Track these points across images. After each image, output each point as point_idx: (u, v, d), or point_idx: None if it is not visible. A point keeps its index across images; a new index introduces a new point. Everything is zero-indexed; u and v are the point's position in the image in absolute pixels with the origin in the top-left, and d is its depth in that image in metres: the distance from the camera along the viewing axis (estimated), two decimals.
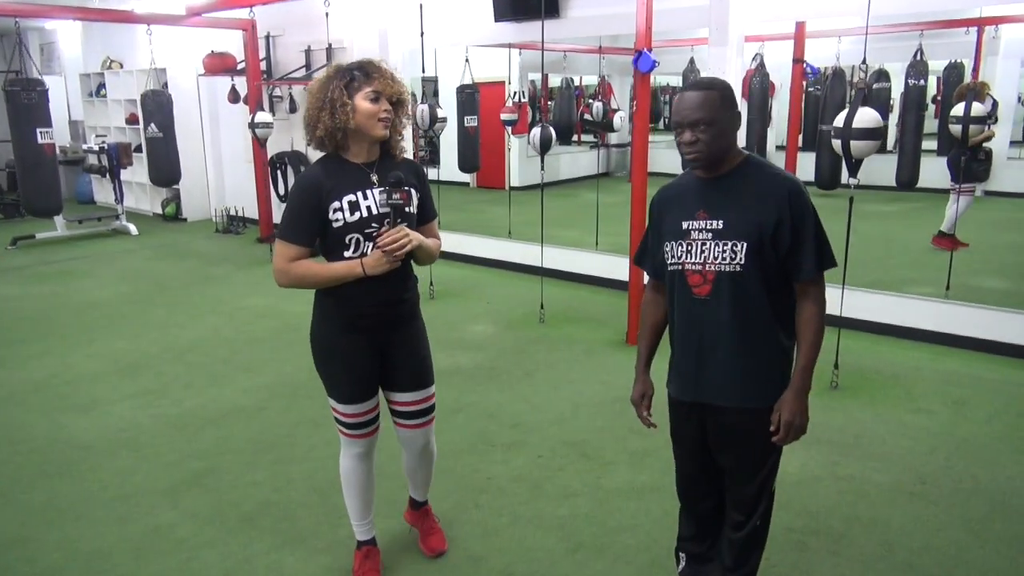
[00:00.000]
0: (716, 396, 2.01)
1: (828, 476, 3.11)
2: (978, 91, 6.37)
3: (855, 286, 4.60)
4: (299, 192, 2.18)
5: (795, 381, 1.94)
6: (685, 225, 1.97)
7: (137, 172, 9.77)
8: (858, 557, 2.60)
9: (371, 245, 2.16)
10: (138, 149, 9.46)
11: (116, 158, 8.96)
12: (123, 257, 7.79)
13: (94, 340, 5.08)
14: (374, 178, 2.19)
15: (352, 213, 2.14)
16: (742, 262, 1.90)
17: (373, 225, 2.17)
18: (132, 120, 9.75)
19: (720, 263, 1.92)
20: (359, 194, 2.16)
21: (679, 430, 2.17)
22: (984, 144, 6.35)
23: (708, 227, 1.94)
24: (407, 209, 2.17)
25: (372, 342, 2.29)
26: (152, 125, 7.59)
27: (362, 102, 2.13)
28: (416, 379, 2.40)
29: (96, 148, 9.33)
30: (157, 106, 7.65)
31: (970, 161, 6.45)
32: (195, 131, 9.52)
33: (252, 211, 8.72)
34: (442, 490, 3.07)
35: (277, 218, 8.51)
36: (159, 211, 10.03)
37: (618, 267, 5.60)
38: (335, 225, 2.14)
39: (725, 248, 1.91)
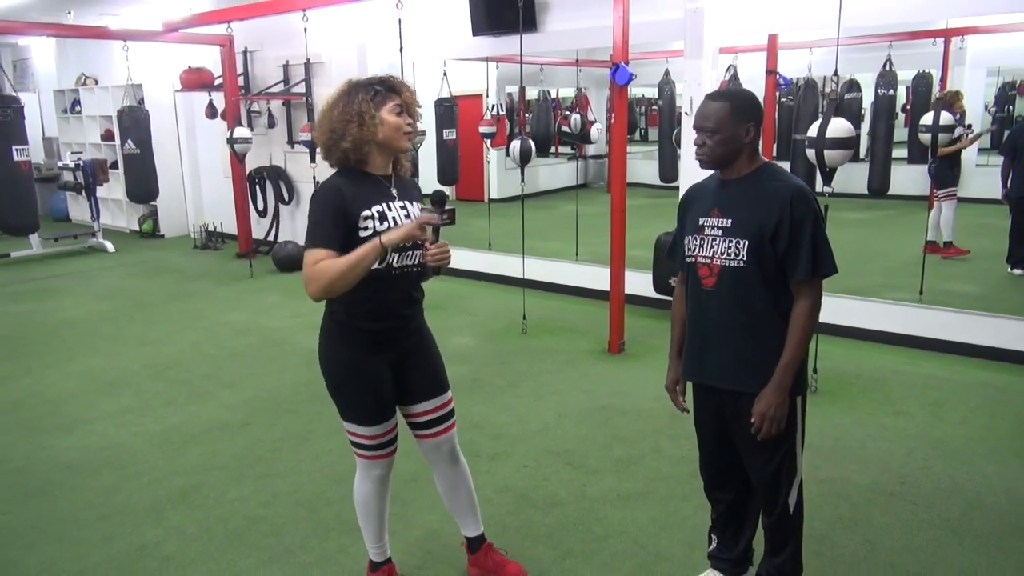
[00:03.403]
0: (717, 379, 2.17)
1: (810, 479, 3.13)
2: (951, 101, 6.53)
3: (832, 292, 4.68)
4: (322, 199, 2.12)
5: (775, 376, 2.05)
6: (701, 221, 2.15)
7: (113, 189, 9.70)
8: (841, 557, 2.65)
9: (396, 256, 2.15)
10: (114, 166, 9.41)
11: (92, 175, 8.88)
12: (100, 275, 7.71)
13: (72, 359, 5.03)
14: (394, 191, 2.21)
15: (382, 223, 2.13)
16: (744, 258, 2.05)
17: None
18: (108, 136, 9.68)
19: (726, 258, 2.08)
20: (384, 205, 2.15)
21: (699, 414, 2.32)
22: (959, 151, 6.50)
23: (719, 224, 2.11)
24: (451, 224, 2.16)
25: (388, 359, 2.25)
26: (129, 141, 7.54)
27: (388, 115, 2.14)
28: (432, 386, 2.36)
29: (71, 165, 9.24)
30: (134, 122, 7.60)
31: (948, 168, 6.59)
32: (172, 147, 9.47)
33: (231, 227, 8.68)
34: (428, 500, 3.08)
35: (256, 233, 8.49)
36: (136, 228, 9.95)
37: (598, 277, 5.65)
38: (363, 234, 2.10)
39: (731, 244, 2.07)
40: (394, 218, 2.15)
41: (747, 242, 2.04)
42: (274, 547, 2.80)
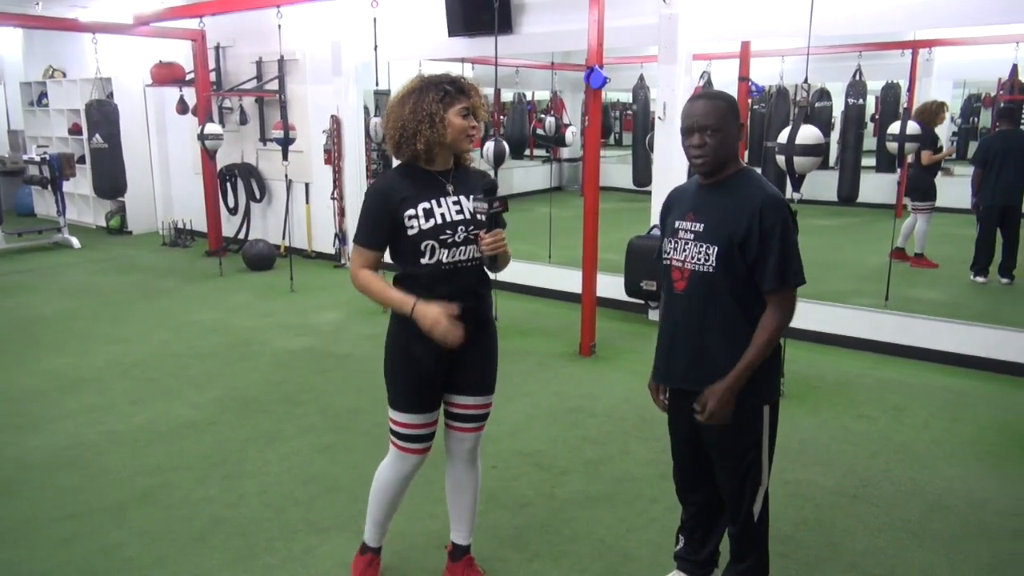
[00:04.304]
0: (684, 382, 2.16)
1: (776, 481, 3.16)
2: (935, 112, 6.65)
3: (800, 297, 4.75)
4: (374, 197, 2.21)
5: (729, 374, 2.04)
6: (677, 224, 2.14)
7: (80, 184, 9.52)
8: (804, 559, 2.69)
9: (446, 252, 2.18)
10: (81, 160, 9.23)
11: (58, 169, 8.71)
12: (66, 271, 7.57)
13: (37, 356, 4.93)
14: (449, 188, 2.22)
15: (427, 220, 2.16)
16: (713, 264, 2.04)
17: (447, 232, 2.18)
18: (75, 130, 9.52)
19: (696, 262, 2.07)
20: (433, 202, 2.18)
21: (672, 417, 2.32)
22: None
23: (692, 228, 2.10)
24: (504, 214, 2.20)
25: (441, 350, 2.21)
26: (97, 135, 7.42)
27: (455, 118, 2.17)
28: (479, 385, 2.36)
29: (37, 159, 9.06)
30: (102, 116, 7.47)
31: (929, 181, 6.69)
32: (142, 142, 9.33)
33: (200, 224, 8.57)
34: None
35: (227, 231, 8.39)
36: (103, 224, 9.78)
37: (571, 280, 5.67)
38: (410, 232, 2.15)
39: (701, 249, 2.06)
40: (442, 214, 2.18)
41: (716, 248, 2.02)
42: (239, 548, 2.77)
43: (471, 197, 2.22)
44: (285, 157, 6.61)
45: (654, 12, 5.17)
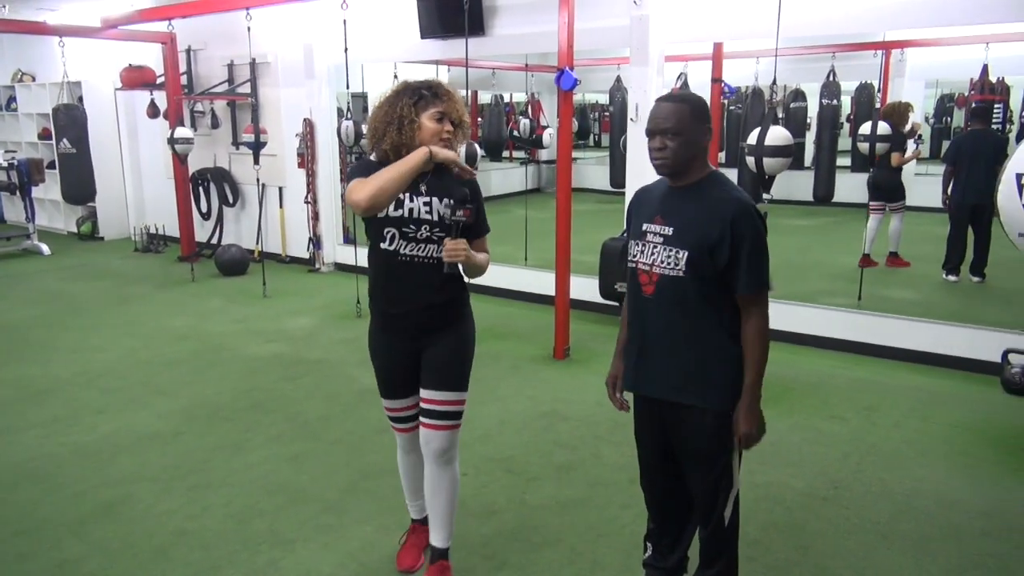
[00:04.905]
0: (653, 389, 2.16)
1: (746, 484, 3.15)
2: (902, 112, 6.68)
3: (773, 298, 4.75)
4: (361, 164, 2.33)
5: (744, 397, 2.04)
6: (644, 227, 2.11)
7: (50, 189, 9.37)
8: (774, 563, 2.67)
9: (405, 244, 2.28)
10: (51, 165, 9.09)
11: (27, 174, 8.56)
12: (34, 278, 7.44)
13: (1, 366, 4.83)
14: (423, 187, 2.28)
15: (395, 209, 2.24)
16: (683, 269, 2.01)
17: (411, 226, 2.27)
18: (45, 135, 9.36)
19: (665, 267, 2.04)
20: (406, 195, 2.25)
21: (640, 426, 2.29)
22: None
23: (660, 232, 2.07)
24: (467, 223, 2.27)
25: (405, 343, 2.40)
26: (65, 140, 7.30)
27: (427, 121, 2.26)
28: (437, 379, 2.39)
29: (5, 164, 8.90)
30: (70, 120, 7.36)
31: (900, 180, 6.73)
32: (113, 146, 9.20)
33: (173, 229, 8.45)
34: (365, 512, 3.03)
35: (200, 236, 8.29)
36: (74, 230, 9.63)
37: (547, 283, 5.64)
38: (378, 215, 2.24)
39: (670, 253, 2.03)
40: (411, 209, 2.26)
41: (686, 253, 2.00)
42: (200, 562, 2.71)
43: (443, 201, 2.28)
44: (257, 161, 6.54)
45: (625, 13, 5.16)
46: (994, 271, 6.24)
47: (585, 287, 5.53)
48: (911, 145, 6.88)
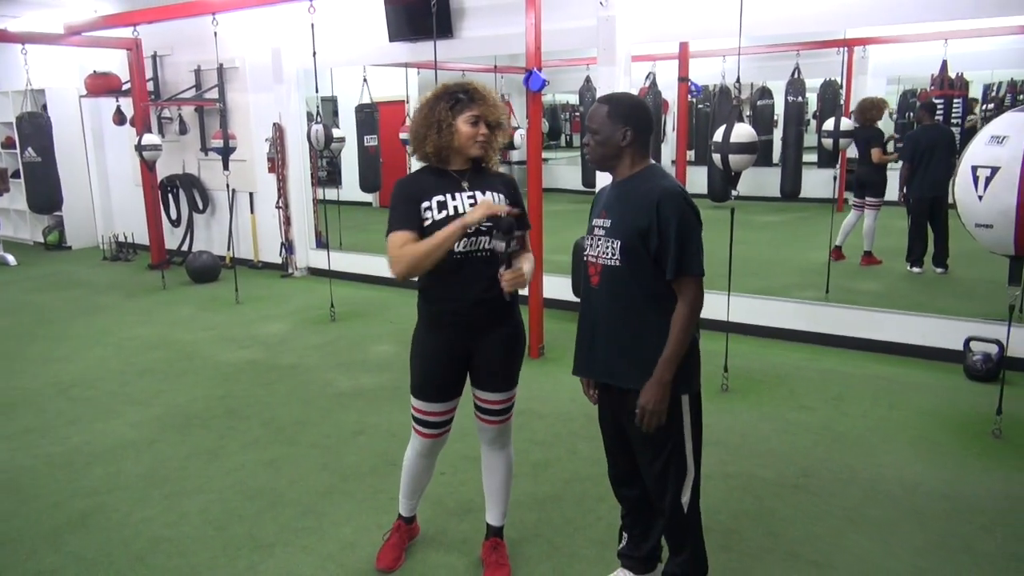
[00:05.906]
0: (601, 374, 2.26)
1: (717, 475, 3.25)
2: (878, 107, 6.78)
3: (742, 292, 4.84)
4: (399, 190, 2.36)
5: (655, 371, 2.09)
6: (593, 221, 2.23)
7: (16, 199, 9.23)
8: (746, 550, 2.73)
9: (460, 241, 2.28)
10: (16, 175, 8.94)
11: None
12: (1, 289, 7.32)
13: None
14: (464, 184, 2.35)
15: (439, 211, 2.29)
16: (618, 258, 2.12)
17: None
18: (8, 144, 9.23)
19: (605, 257, 2.15)
20: (448, 195, 2.31)
21: (599, 412, 2.38)
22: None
23: (603, 225, 2.18)
24: (516, 247, 2.30)
25: (454, 340, 2.40)
26: (29, 149, 7.18)
27: (463, 125, 2.30)
28: (495, 382, 2.45)
29: None
30: (35, 129, 7.24)
31: (878, 177, 6.83)
32: (79, 154, 9.09)
33: (142, 237, 8.37)
34: (344, 513, 3.04)
35: (170, 244, 8.21)
36: (41, 239, 9.50)
37: None
38: (426, 224, 2.28)
39: (609, 244, 2.14)
40: (455, 207, 2.30)
41: (619, 242, 2.11)
42: (179, 569, 2.70)
43: (493, 194, 2.34)
44: (226, 167, 6.50)
45: (592, 14, 5.22)
46: (956, 262, 6.39)
47: (558, 286, 5.58)
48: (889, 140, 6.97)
